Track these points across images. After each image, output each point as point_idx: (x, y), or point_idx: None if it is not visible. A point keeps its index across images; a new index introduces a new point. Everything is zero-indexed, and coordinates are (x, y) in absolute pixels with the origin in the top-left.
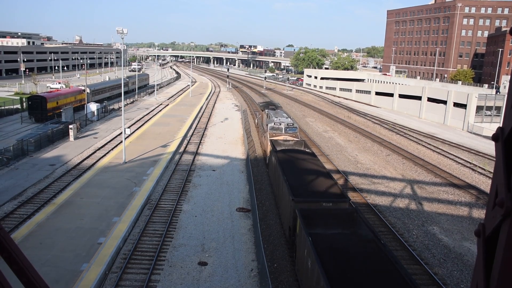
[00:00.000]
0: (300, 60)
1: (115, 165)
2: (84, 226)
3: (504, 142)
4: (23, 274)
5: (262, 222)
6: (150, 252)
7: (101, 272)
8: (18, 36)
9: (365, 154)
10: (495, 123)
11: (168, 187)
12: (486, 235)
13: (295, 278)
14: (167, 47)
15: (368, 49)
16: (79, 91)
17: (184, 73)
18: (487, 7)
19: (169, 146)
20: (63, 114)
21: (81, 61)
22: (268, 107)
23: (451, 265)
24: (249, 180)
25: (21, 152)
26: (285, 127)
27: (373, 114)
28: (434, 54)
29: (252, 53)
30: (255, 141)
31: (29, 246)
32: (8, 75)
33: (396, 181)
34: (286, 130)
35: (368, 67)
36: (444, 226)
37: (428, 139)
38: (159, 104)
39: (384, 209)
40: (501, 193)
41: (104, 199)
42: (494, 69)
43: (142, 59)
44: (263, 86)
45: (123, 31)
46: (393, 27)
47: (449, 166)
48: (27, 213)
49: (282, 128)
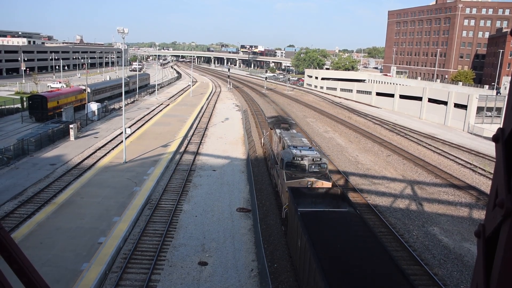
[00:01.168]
0: (301, 61)
1: (116, 165)
2: (84, 226)
3: (504, 143)
4: (24, 274)
5: (262, 222)
6: (150, 252)
7: (101, 272)
8: (18, 36)
9: (365, 154)
10: (495, 124)
11: (168, 187)
12: (486, 236)
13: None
14: (168, 47)
15: (369, 50)
16: (79, 91)
17: (184, 73)
18: (488, 8)
19: (170, 146)
20: (64, 113)
21: (82, 60)
22: (280, 126)
23: (451, 266)
24: (250, 180)
25: (21, 152)
26: (309, 163)
27: (373, 114)
28: (435, 55)
29: (253, 53)
30: (255, 141)
31: (30, 246)
32: (9, 75)
33: (396, 181)
34: (311, 168)
35: (369, 67)
36: (444, 226)
37: (429, 139)
38: (159, 104)
39: (385, 210)
40: (501, 194)
41: (105, 199)
42: (495, 70)
43: (143, 59)
44: (264, 86)
45: (124, 31)
46: (394, 28)
47: (450, 167)
48: (27, 213)
49: (305, 166)
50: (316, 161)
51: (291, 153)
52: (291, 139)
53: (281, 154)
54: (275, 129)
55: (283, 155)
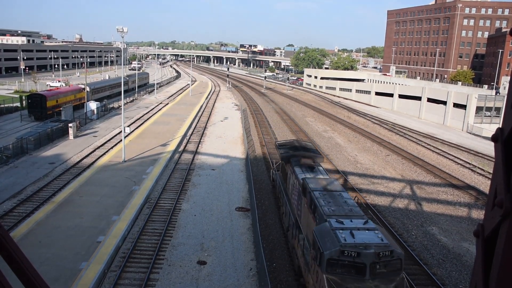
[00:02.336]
0: (300, 60)
1: (115, 164)
2: (83, 225)
3: (503, 142)
4: (22, 273)
5: (261, 221)
6: (149, 251)
7: (100, 271)
8: (18, 34)
9: (364, 154)
10: (494, 124)
11: (167, 186)
12: (485, 236)
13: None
14: (167, 46)
15: (368, 49)
16: (79, 90)
17: (184, 72)
18: (488, 8)
19: (169, 145)
20: (63, 112)
21: (81, 59)
22: (299, 160)
23: (450, 266)
24: (249, 180)
25: (20, 150)
26: (371, 261)
27: (372, 114)
28: (434, 54)
29: (252, 53)
30: (254, 141)
31: (28, 245)
32: (8, 73)
33: (395, 181)
34: (375, 269)
35: (368, 67)
36: (443, 226)
37: (428, 139)
38: (159, 103)
39: (384, 209)
40: (500, 194)
41: (104, 198)
42: (494, 70)
43: (142, 58)
44: (263, 86)
45: (123, 30)
46: (394, 27)
47: (449, 167)
48: (26, 211)
49: (364, 268)
50: (383, 256)
51: (337, 241)
52: (324, 196)
53: (315, 236)
54: (292, 165)
55: (321, 243)
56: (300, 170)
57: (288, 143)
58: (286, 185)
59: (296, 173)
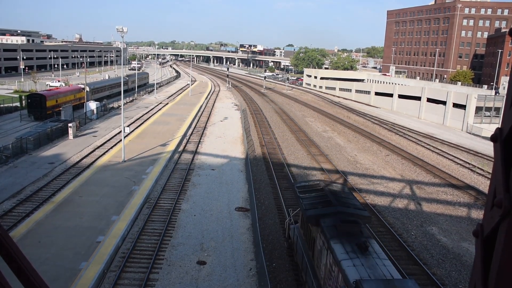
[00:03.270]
0: (300, 60)
1: (115, 164)
2: (83, 225)
3: (502, 142)
4: (22, 273)
5: (261, 221)
6: (149, 251)
7: (99, 271)
8: (17, 34)
9: (364, 154)
10: (494, 124)
11: (167, 186)
12: (484, 236)
13: None
14: (167, 46)
15: (368, 49)
16: (78, 90)
17: (183, 72)
18: (487, 8)
19: (169, 145)
20: (63, 112)
21: (81, 59)
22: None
23: (449, 266)
24: (249, 180)
25: (20, 150)
26: None
27: (372, 114)
28: (433, 54)
29: (252, 53)
30: (254, 141)
31: (28, 245)
32: (8, 73)
33: (395, 181)
34: None
35: (368, 67)
36: (443, 226)
37: (427, 139)
38: (158, 103)
39: (383, 209)
40: (499, 194)
41: (103, 198)
42: (494, 70)
43: (142, 58)
44: (263, 86)
45: (123, 30)
46: (393, 28)
47: (448, 167)
48: (25, 211)
49: None
50: None
51: None
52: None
53: None
54: (325, 232)
55: None
56: (341, 246)
57: (313, 186)
58: (312, 255)
59: (333, 250)
